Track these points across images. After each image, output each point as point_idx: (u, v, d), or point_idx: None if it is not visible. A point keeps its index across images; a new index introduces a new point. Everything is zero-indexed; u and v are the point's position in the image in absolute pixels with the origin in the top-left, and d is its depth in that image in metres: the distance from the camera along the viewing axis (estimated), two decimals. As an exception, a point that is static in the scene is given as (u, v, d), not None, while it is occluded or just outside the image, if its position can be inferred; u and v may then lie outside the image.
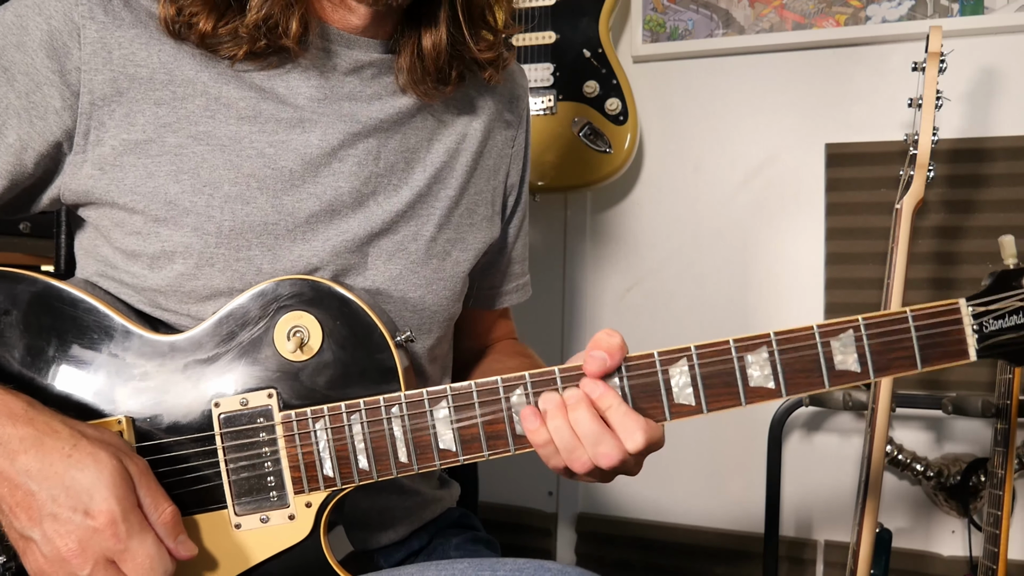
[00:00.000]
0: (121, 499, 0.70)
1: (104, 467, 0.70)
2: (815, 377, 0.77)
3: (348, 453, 0.79)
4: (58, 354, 0.80)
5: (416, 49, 0.92)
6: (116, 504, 0.69)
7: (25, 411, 0.71)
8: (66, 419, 0.73)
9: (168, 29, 0.83)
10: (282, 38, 0.84)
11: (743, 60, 1.98)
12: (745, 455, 1.98)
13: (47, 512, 0.69)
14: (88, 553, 0.69)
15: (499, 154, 1.05)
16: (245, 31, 0.82)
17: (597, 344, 0.76)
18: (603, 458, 0.75)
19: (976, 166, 1.79)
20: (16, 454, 0.69)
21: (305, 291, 0.80)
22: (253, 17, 0.82)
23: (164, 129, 0.83)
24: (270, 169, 0.85)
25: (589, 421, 0.74)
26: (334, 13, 0.89)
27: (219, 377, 0.80)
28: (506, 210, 1.09)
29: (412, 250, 0.93)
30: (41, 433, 0.70)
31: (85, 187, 0.84)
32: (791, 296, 1.96)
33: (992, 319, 0.76)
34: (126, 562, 0.70)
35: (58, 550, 0.69)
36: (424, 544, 1.05)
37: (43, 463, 0.69)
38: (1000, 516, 1.45)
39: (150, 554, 0.71)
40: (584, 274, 2.14)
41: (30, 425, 0.71)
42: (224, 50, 0.84)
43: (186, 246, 0.83)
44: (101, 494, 0.69)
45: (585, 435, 0.75)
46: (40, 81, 0.81)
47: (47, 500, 0.69)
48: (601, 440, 0.74)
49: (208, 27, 0.82)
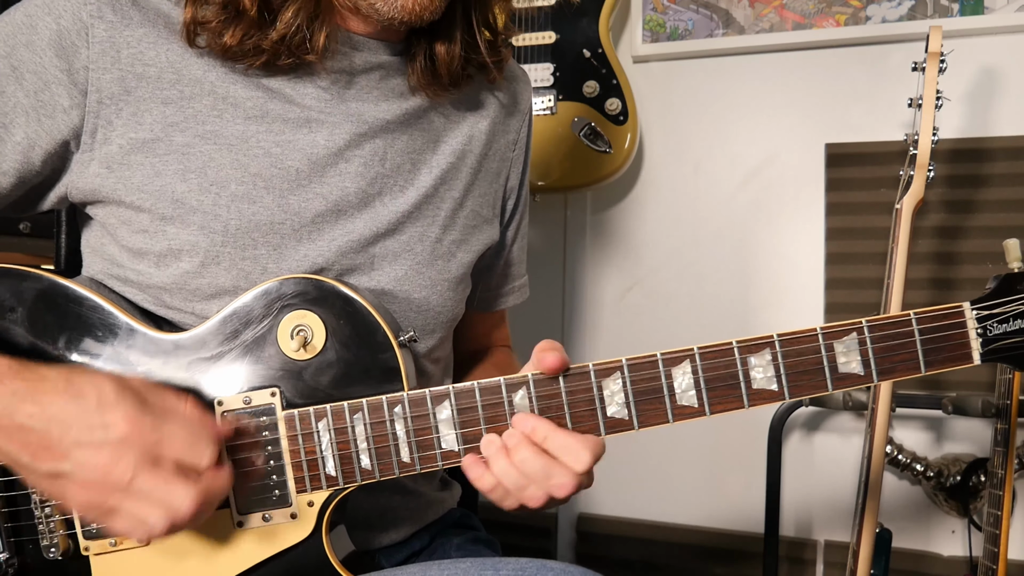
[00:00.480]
0: (131, 401, 0.69)
1: (103, 385, 0.70)
2: (818, 380, 0.77)
3: (351, 452, 0.79)
4: (63, 351, 0.80)
5: (429, 53, 0.92)
6: (130, 407, 0.69)
7: (10, 367, 0.71)
8: (53, 366, 0.72)
9: (189, 38, 0.82)
10: (307, 53, 0.84)
11: (743, 60, 1.98)
12: (745, 455, 1.98)
13: (69, 442, 0.68)
14: (124, 460, 0.68)
15: (501, 157, 1.05)
16: (268, 44, 0.82)
17: (543, 348, 0.77)
18: (559, 489, 0.76)
19: (976, 166, 1.79)
20: (15, 407, 0.68)
21: (309, 290, 0.80)
22: (280, 31, 0.82)
23: (171, 128, 0.83)
24: (277, 169, 0.85)
25: (534, 458, 0.75)
26: (349, 20, 0.89)
27: (222, 375, 0.80)
28: (505, 213, 1.09)
29: (418, 251, 0.93)
30: (31, 382, 0.70)
31: (92, 185, 0.84)
32: (791, 296, 1.96)
33: (996, 323, 0.76)
34: (166, 447, 0.69)
35: (95, 468, 0.67)
36: (425, 544, 1.05)
37: (43, 405, 0.68)
38: (1000, 516, 1.45)
39: (185, 427, 0.70)
40: (584, 274, 2.14)
41: (18, 378, 0.70)
42: (244, 61, 0.84)
43: (192, 244, 0.83)
44: (111, 405, 0.69)
45: (533, 473, 0.75)
46: (48, 80, 0.81)
47: (62, 433, 0.68)
48: (551, 473, 0.75)
49: (234, 41, 0.82)
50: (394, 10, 0.84)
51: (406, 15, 0.84)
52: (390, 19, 0.85)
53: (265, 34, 0.82)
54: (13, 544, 0.78)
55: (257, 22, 0.82)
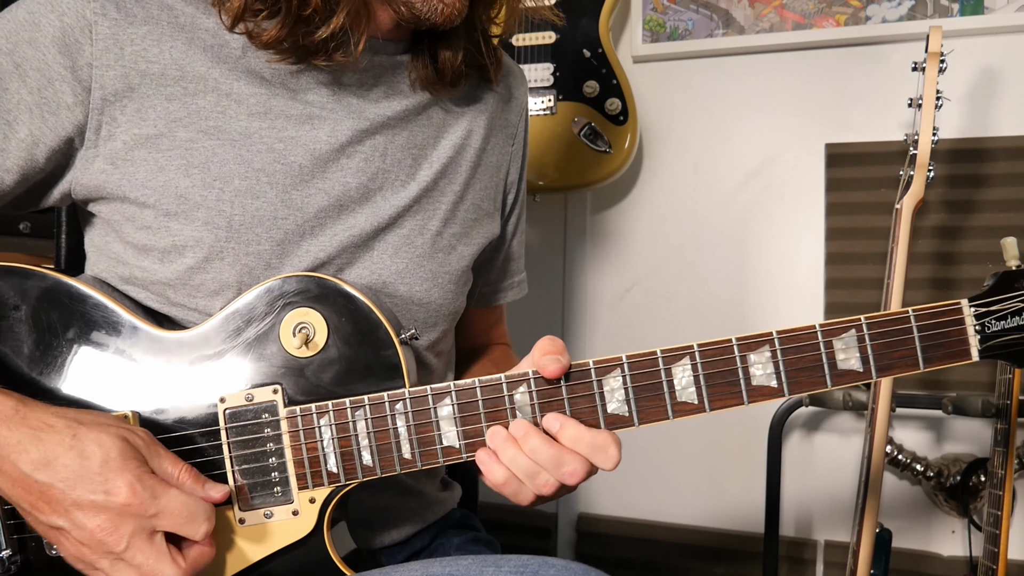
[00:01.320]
0: (135, 469, 0.70)
1: (109, 445, 0.70)
2: (817, 376, 0.77)
3: (352, 449, 0.79)
4: (66, 349, 0.80)
5: (432, 54, 0.93)
6: (132, 476, 0.69)
7: (16, 411, 0.71)
8: (59, 410, 0.72)
9: (232, 21, 0.82)
10: (345, 56, 0.84)
11: (743, 60, 1.98)
12: (745, 455, 1.98)
13: (69, 500, 0.69)
14: (122, 528, 0.69)
15: (500, 151, 1.05)
16: (311, 42, 0.83)
17: (544, 350, 0.77)
18: (570, 476, 0.76)
19: (976, 166, 1.79)
20: (18, 456, 0.69)
21: (311, 288, 0.80)
22: (331, 28, 0.82)
23: (175, 124, 0.83)
24: (279, 164, 0.86)
25: (545, 447, 0.75)
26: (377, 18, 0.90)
27: (225, 373, 0.80)
28: (505, 207, 1.09)
29: (418, 244, 0.94)
30: (37, 431, 0.70)
31: (96, 182, 0.84)
32: (791, 296, 1.96)
33: (994, 320, 0.77)
34: (163, 520, 0.70)
35: (91, 532, 0.68)
36: (426, 544, 1.05)
37: (48, 457, 0.69)
38: (1000, 516, 1.45)
39: (184, 502, 0.71)
40: (584, 274, 2.15)
41: (24, 425, 0.70)
42: (276, 54, 0.84)
43: (196, 240, 0.84)
44: (114, 471, 0.69)
45: (544, 461, 0.75)
46: (52, 77, 0.81)
47: (64, 489, 0.69)
48: (562, 460, 0.75)
49: (282, 34, 0.82)
50: (431, 12, 0.85)
51: (440, 18, 0.86)
52: (423, 20, 0.86)
53: (312, 31, 0.82)
54: (16, 541, 0.79)
55: (308, 17, 0.82)
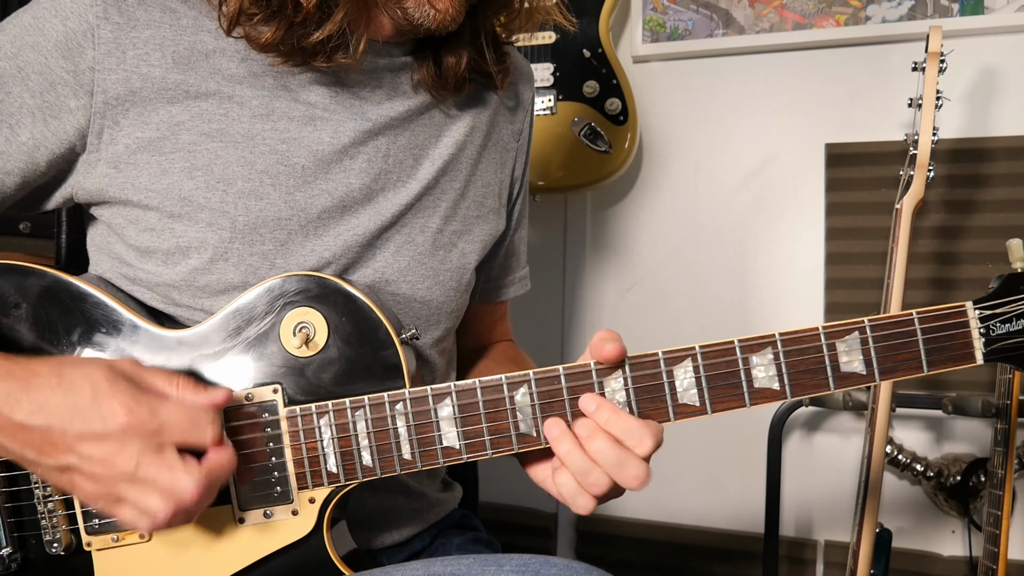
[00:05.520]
0: (126, 390, 0.69)
1: (96, 376, 0.69)
2: (820, 379, 0.77)
3: (352, 449, 0.79)
4: (66, 347, 0.80)
5: (436, 59, 0.93)
6: (125, 397, 0.69)
7: (0, 367, 0.71)
8: (43, 358, 0.72)
9: (228, 26, 0.82)
10: (345, 56, 0.84)
11: (743, 60, 1.98)
12: (745, 455, 1.98)
13: (71, 435, 0.68)
14: (128, 449, 0.68)
15: (505, 147, 1.05)
16: (309, 44, 0.83)
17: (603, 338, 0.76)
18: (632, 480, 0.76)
19: (976, 166, 1.79)
20: (12, 408, 0.69)
21: (311, 287, 0.80)
22: (328, 31, 0.82)
23: (177, 127, 0.83)
24: (283, 166, 0.86)
25: (609, 448, 0.75)
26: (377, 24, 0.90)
27: (225, 372, 0.80)
28: (511, 203, 1.09)
29: (419, 242, 0.94)
30: (23, 380, 0.70)
31: (99, 186, 0.84)
32: (791, 296, 1.96)
33: (999, 323, 0.76)
34: (168, 433, 0.69)
35: (100, 461, 0.68)
36: (426, 544, 1.05)
37: (39, 403, 0.69)
38: (1000, 516, 1.45)
39: (184, 412, 0.70)
40: (584, 274, 2.15)
41: (10, 378, 0.70)
42: (276, 56, 0.84)
43: (201, 241, 0.83)
44: (106, 397, 0.69)
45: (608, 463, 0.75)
46: (54, 81, 0.81)
47: (63, 426, 0.68)
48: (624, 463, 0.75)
49: (278, 36, 0.82)
50: (424, 17, 0.85)
51: (433, 24, 0.86)
52: (417, 25, 0.86)
53: (308, 33, 0.82)
54: (16, 539, 0.79)
55: (304, 20, 0.81)
